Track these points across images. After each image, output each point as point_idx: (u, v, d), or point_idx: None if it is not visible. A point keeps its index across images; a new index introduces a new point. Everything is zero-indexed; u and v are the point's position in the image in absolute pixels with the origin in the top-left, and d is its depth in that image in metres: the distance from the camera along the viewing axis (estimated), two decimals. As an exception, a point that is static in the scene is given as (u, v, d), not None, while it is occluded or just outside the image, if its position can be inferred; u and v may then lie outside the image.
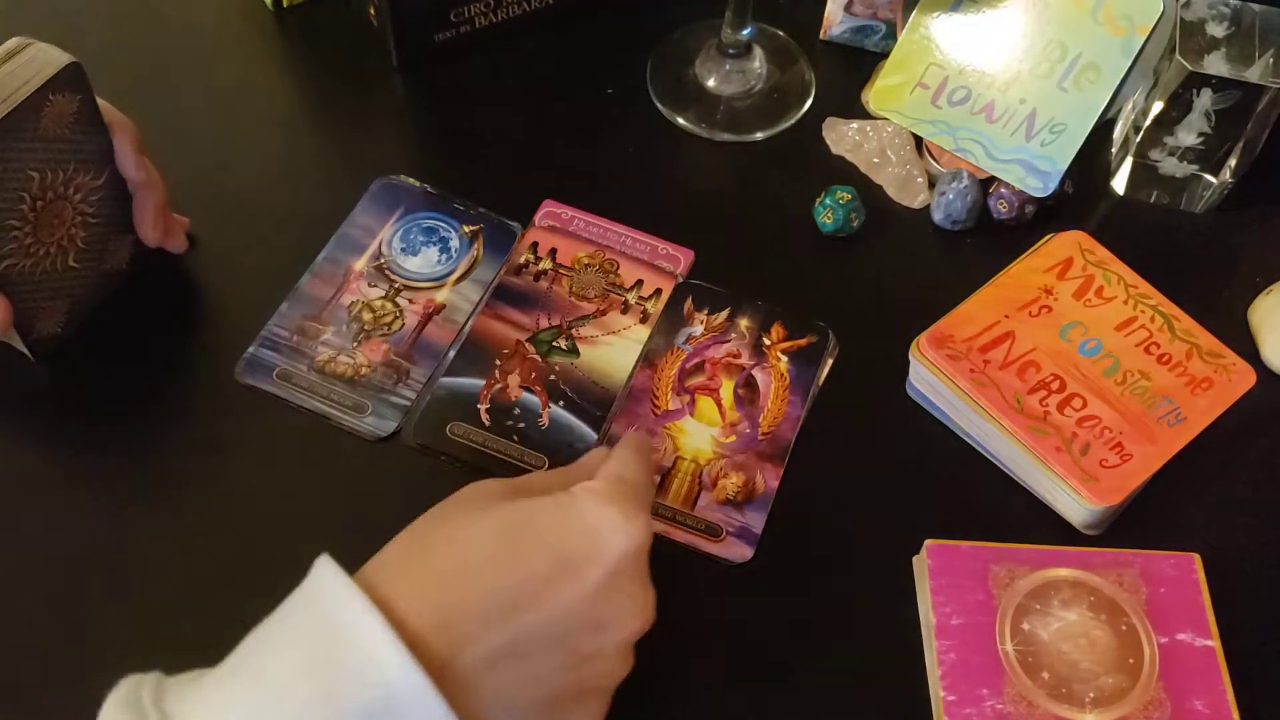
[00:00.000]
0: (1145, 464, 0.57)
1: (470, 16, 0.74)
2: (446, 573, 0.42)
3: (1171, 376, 0.60)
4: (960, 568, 0.55)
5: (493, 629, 0.42)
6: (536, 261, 0.67)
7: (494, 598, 0.42)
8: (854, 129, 0.73)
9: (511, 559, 0.43)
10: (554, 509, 0.44)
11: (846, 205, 0.67)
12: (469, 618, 0.42)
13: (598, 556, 0.43)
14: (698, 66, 0.76)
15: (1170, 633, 0.53)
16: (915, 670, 0.54)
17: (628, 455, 0.49)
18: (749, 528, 0.58)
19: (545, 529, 0.44)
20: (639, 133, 0.73)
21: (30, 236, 0.56)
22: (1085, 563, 0.55)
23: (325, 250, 0.66)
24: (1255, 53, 0.65)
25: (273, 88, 0.75)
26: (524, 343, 0.64)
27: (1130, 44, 0.67)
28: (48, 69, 0.54)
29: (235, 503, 0.58)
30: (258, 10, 0.77)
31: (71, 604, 0.55)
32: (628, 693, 0.54)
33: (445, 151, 0.73)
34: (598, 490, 0.45)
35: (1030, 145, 0.69)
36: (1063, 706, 0.51)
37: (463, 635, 0.41)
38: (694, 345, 0.64)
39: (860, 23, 0.76)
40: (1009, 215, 0.68)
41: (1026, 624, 0.53)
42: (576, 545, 0.43)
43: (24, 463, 0.59)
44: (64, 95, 0.55)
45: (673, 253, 0.68)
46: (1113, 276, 0.63)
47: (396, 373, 0.62)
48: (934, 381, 0.60)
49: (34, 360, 0.60)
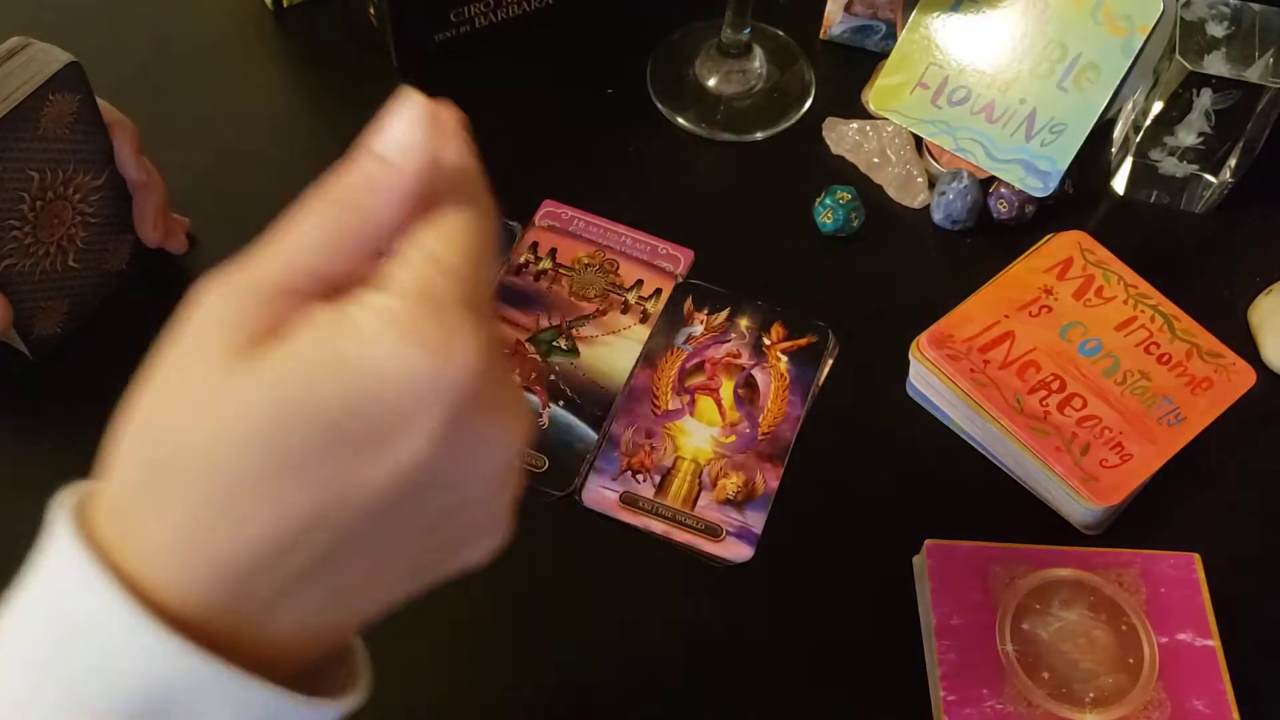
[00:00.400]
0: (1145, 464, 0.57)
1: (470, 16, 0.74)
2: (199, 515, 0.30)
3: (1171, 376, 0.60)
4: (960, 568, 0.55)
5: (289, 559, 0.30)
6: (536, 261, 0.67)
7: (276, 526, 0.30)
8: (854, 129, 0.73)
9: (285, 464, 0.30)
10: (333, 370, 0.30)
11: (846, 205, 0.67)
12: (251, 563, 0.30)
13: (412, 427, 0.30)
14: (698, 66, 0.76)
15: (1170, 633, 0.53)
16: (915, 670, 0.54)
17: (445, 226, 0.32)
18: (749, 528, 0.58)
19: (325, 406, 0.29)
20: (639, 133, 0.73)
21: (30, 236, 0.56)
22: (1085, 563, 0.55)
23: (325, 250, 0.66)
24: (1255, 53, 0.65)
25: (273, 88, 0.75)
26: (524, 342, 0.64)
27: (1130, 44, 0.67)
28: (48, 68, 0.54)
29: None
30: (258, 10, 0.77)
31: (71, 604, 0.54)
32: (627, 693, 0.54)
33: (445, 151, 0.73)
34: (396, 317, 0.30)
35: (1030, 145, 0.69)
36: (1063, 706, 0.51)
37: (246, 583, 0.30)
38: (694, 345, 0.64)
39: (860, 23, 0.76)
40: (1009, 215, 0.68)
41: (1026, 624, 0.53)
42: (376, 416, 0.29)
43: (24, 463, 0.59)
44: (64, 95, 0.55)
45: (673, 253, 0.68)
46: (1113, 276, 0.63)
47: (396, 373, 0.62)
48: (934, 381, 0.60)
49: (34, 360, 0.60)
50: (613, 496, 0.59)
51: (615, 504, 0.58)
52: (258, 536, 0.30)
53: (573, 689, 0.54)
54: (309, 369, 0.30)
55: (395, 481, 0.30)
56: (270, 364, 0.30)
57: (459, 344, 0.30)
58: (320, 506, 0.30)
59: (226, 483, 0.30)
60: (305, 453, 0.30)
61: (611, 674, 0.54)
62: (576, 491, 0.59)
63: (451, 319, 0.30)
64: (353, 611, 0.33)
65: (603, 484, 0.59)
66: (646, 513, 0.58)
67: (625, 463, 0.60)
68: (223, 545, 0.30)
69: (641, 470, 0.59)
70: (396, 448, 0.30)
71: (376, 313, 0.30)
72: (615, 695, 0.54)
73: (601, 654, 0.55)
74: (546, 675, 0.54)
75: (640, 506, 0.58)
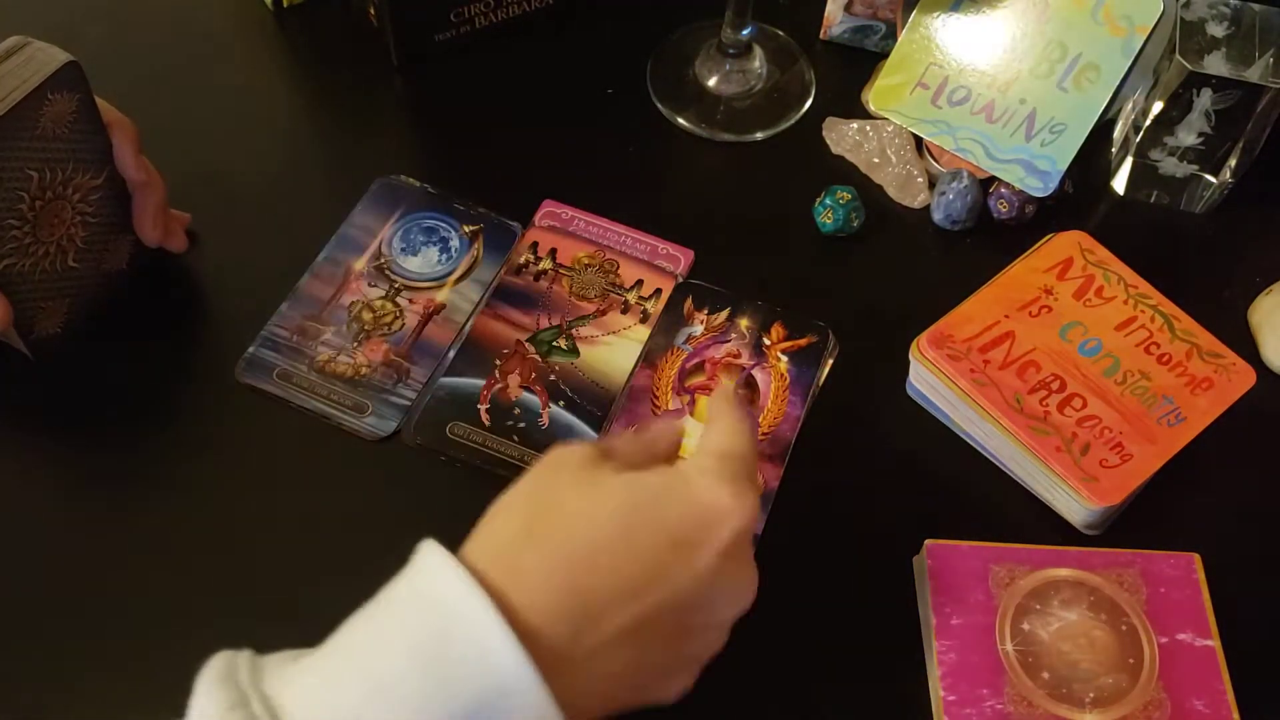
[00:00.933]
0: (1145, 464, 0.57)
1: (470, 16, 0.74)
2: (568, 557, 0.41)
3: (1171, 376, 0.60)
4: (960, 568, 0.55)
5: (613, 615, 0.41)
6: (536, 261, 0.67)
7: (615, 583, 0.41)
8: (854, 129, 0.73)
9: (631, 543, 0.42)
10: (669, 490, 0.43)
11: (846, 205, 0.67)
12: (590, 605, 0.41)
13: (712, 539, 0.43)
14: (698, 66, 0.76)
15: (1170, 633, 0.53)
16: (915, 670, 0.54)
17: (731, 426, 0.47)
18: (749, 528, 0.58)
19: (663, 511, 0.43)
20: (639, 133, 0.73)
21: (29, 236, 0.56)
22: (1085, 563, 0.55)
23: (325, 250, 0.66)
24: (1255, 53, 0.65)
25: (273, 88, 0.75)
26: (524, 343, 0.64)
27: (1130, 44, 0.67)
28: (46, 68, 0.54)
29: (235, 503, 0.58)
30: (258, 10, 0.77)
31: (72, 603, 0.55)
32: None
33: (445, 151, 0.73)
34: (709, 469, 0.44)
35: (1030, 145, 0.69)
36: (1063, 706, 0.51)
37: (582, 623, 0.40)
38: (694, 345, 0.64)
39: (860, 23, 0.76)
40: (1009, 215, 0.68)
41: (1026, 624, 0.53)
42: (692, 528, 0.43)
43: (24, 463, 0.59)
44: (62, 94, 0.55)
45: (673, 253, 0.68)
46: (1113, 276, 0.63)
47: (396, 373, 0.62)
48: (934, 381, 0.60)
49: (34, 360, 0.60)
50: (613, 496, 0.59)
51: (615, 504, 0.58)
52: (602, 584, 0.41)
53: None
54: (653, 485, 0.43)
55: (695, 577, 0.42)
56: (625, 477, 0.44)
57: (747, 493, 0.44)
58: (647, 579, 0.41)
59: (590, 540, 0.41)
60: (645, 537, 0.42)
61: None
62: (576, 491, 0.59)
63: (742, 479, 0.44)
64: (616, 695, 0.43)
65: (603, 484, 0.59)
66: (646, 513, 0.58)
67: (625, 463, 0.60)
68: (579, 579, 0.41)
69: (641, 470, 0.59)
70: (701, 554, 0.42)
71: (698, 467, 0.44)
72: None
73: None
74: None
75: (640, 506, 0.58)
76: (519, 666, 0.38)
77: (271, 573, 0.55)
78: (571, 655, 0.40)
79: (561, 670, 0.39)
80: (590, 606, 0.41)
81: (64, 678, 0.52)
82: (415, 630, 0.39)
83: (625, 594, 0.41)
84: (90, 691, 0.50)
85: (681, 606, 0.42)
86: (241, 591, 0.55)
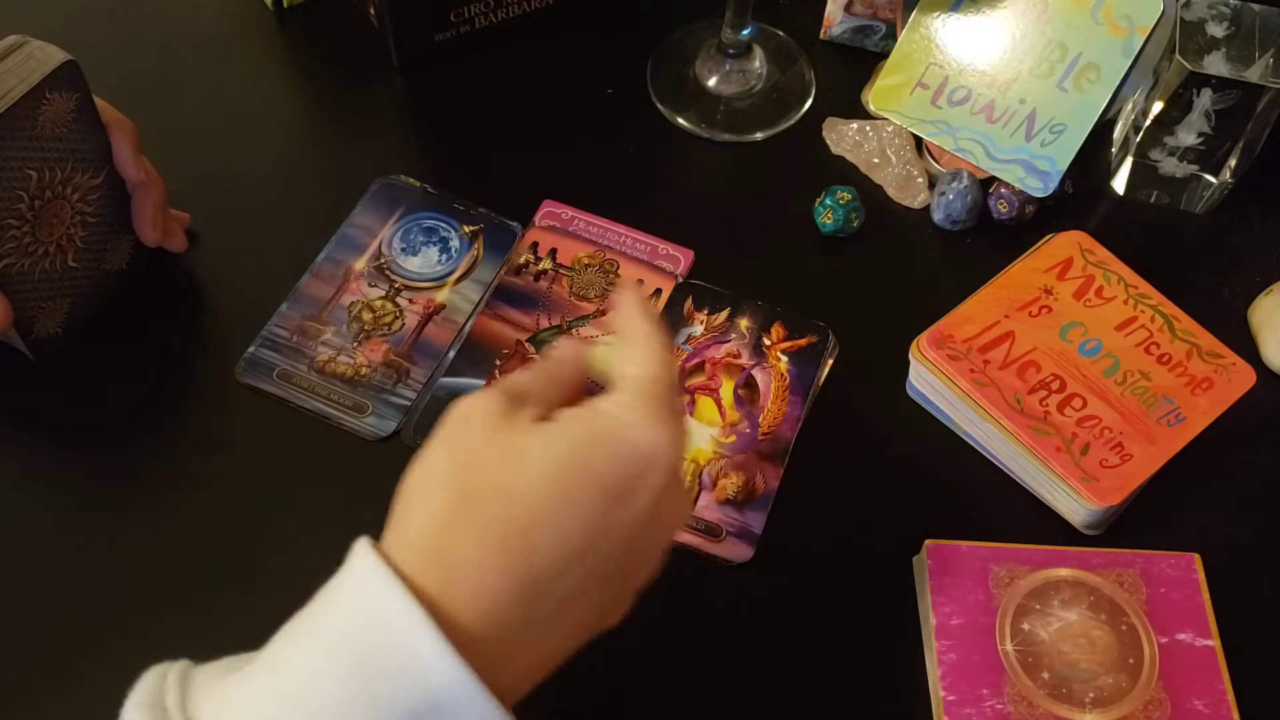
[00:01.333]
0: (1145, 464, 0.57)
1: (470, 16, 0.74)
2: (502, 540, 0.39)
3: (1171, 376, 0.60)
4: (960, 568, 0.55)
5: (556, 586, 0.39)
6: (536, 261, 0.67)
7: (555, 554, 0.39)
8: (854, 129, 0.73)
9: (567, 508, 0.40)
10: (596, 441, 0.41)
11: (846, 205, 0.67)
12: (530, 585, 0.39)
13: (647, 483, 0.41)
14: (698, 66, 0.76)
15: (1170, 633, 0.53)
16: (915, 670, 0.54)
17: (647, 347, 0.44)
18: (749, 528, 0.58)
19: (594, 465, 0.40)
20: (639, 133, 0.73)
21: (29, 235, 0.56)
22: (1085, 563, 0.55)
23: (325, 250, 0.66)
24: (1255, 53, 0.65)
25: (273, 88, 0.75)
26: (524, 343, 0.64)
27: (1130, 44, 0.67)
28: (44, 67, 0.54)
29: (235, 503, 0.58)
30: (258, 10, 0.77)
31: (72, 603, 0.55)
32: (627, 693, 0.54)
33: (445, 151, 0.73)
34: (632, 405, 0.42)
35: (1030, 145, 0.69)
36: (1063, 706, 0.51)
37: (524, 607, 0.39)
38: (694, 345, 0.64)
39: (860, 23, 0.76)
40: (1009, 215, 0.68)
41: (1026, 624, 0.53)
42: (626, 476, 0.41)
43: (25, 462, 0.59)
44: (61, 94, 0.55)
45: (673, 253, 0.68)
46: (1113, 276, 0.63)
47: (396, 373, 0.62)
48: (934, 381, 0.60)
49: (34, 360, 0.60)
50: (613, 496, 0.59)
51: (615, 504, 0.58)
52: (542, 560, 0.39)
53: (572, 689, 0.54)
54: (579, 438, 0.41)
55: (635, 523, 0.41)
56: (547, 435, 0.41)
57: (674, 426, 0.42)
58: (587, 540, 0.40)
59: (523, 516, 0.39)
60: (580, 497, 0.40)
61: (611, 674, 0.54)
62: (576, 491, 0.59)
63: (665, 409, 0.42)
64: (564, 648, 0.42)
65: (603, 484, 0.59)
66: (646, 513, 0.58)
67: (625, 463, 0.60)
68: (516, 563, 0.39)
69: (641, 470, 0.59)
70: (637, 500, 0.41)
71: (618, 404, 0.42)
72: (615, 695, 0.54)
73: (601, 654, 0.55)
74: (546, 675, 0.54)
75: (640, 506, 0.58)
76: (454, 675, 0.36)
77: (272, 573, 0.55)
78: (516, 638, 0.39)
79: (507, 656, 0.38)
80: (530, 586, 0.39)
81: (64, 678, 0.52)
82: (343, 645, 0.37)
83: (567, 561, 0.39)
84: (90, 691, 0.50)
85: (622, 551, 0.41)
86: (241, 592, 0.55)
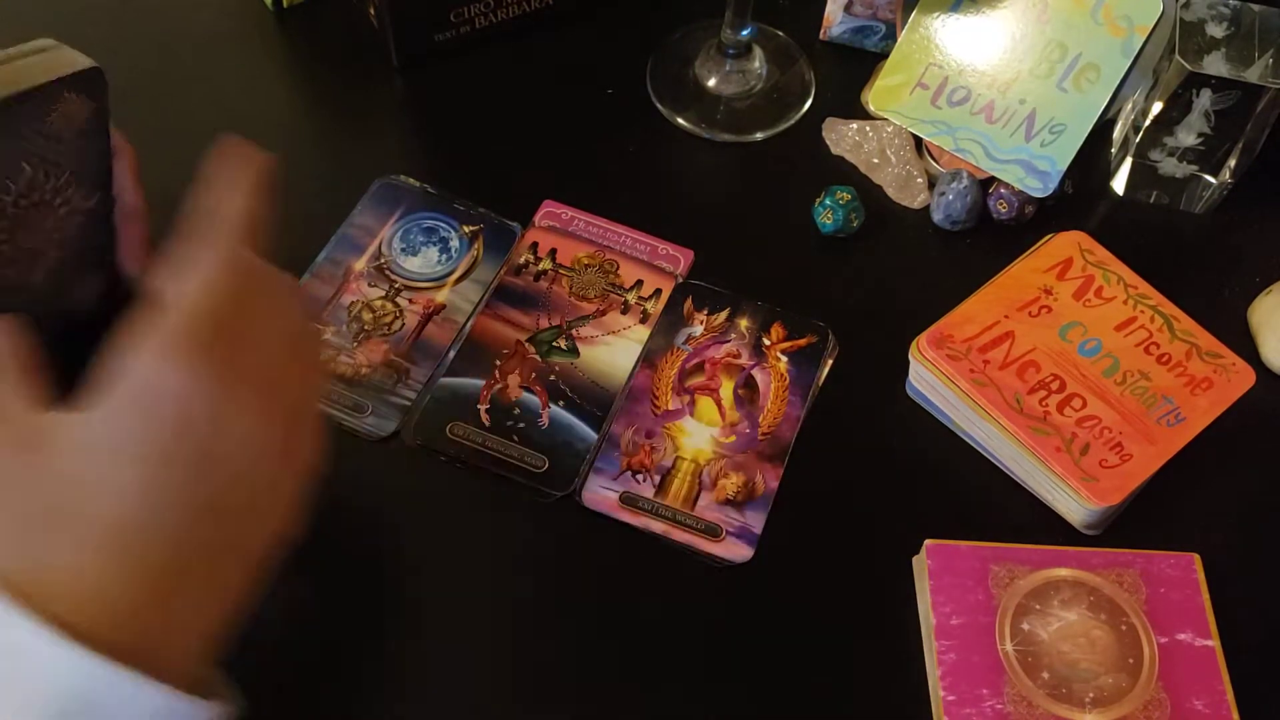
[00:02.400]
0: (1145, 464, 0.57)
1: (470, 16, 0.74)
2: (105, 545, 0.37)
3: (1171, 376, 0.60)
4: (960, 568, 0.55)
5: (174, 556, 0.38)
6: (536, 261, 0.67)
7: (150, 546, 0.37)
8: (854, 129, 0.73)
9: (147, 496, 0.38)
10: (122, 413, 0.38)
11: (846, 205, 0.67)
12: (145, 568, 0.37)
13: (190, 434, 0.38)
14: (698, 66, 0.76)
15: (1170, 633, 0.53)
16: (915, 670, 0.54)
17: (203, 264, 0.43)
18: (749, 528, 0.58)
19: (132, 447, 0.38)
20: (639, 133, 0.73)
21: (3, 234, 0.53)
22: (1085, 563, 0.55)
23: (325, 250, 0.66)
24: (1255, 53, 0.65)
25: (273, 88, 0.75)
26: (524, 343, 0.64)
27: (1130, 44, 0.67)
28: (72, 66, 0.53)
29: (235, 503, 0.58)
30: (258, 10, 0.77)
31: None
32: (627, 693, 0.54)
33: (445, 151, 0.73)
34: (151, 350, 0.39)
35: (1030, 145, 0.69)
36: (1062, 706, 0.51)
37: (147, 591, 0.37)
38: (694, 345, 0.64)
39: (860, 23, 0.76)
40: (1009, 215, 0.68)
41: (1026, 624, 0.53)
42: (165, 440, 0.38)
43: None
44: (80, 97, 0.54)
45: (673, 253, 0.68)
46: (1112, 276, 0.63)
47: (396, 373, 0.62)
48: (934, 381, 0.60)
49: None
50: (612, 497, 0.59)
51: (615, 504, 0.58)
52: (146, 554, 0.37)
53: (572, 689, 0.54)
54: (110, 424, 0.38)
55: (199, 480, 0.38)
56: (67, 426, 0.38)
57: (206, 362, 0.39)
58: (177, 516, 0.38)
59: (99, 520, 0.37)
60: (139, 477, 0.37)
61: (611, 674, 0.54)
62: (576, 492, 0.59)
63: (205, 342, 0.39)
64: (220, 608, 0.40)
65: (602, 484, 0.59)
66: (646, 513, 0.58)
67: (625, 463, 0.60)
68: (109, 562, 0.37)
69: (641, 470, 0.59)
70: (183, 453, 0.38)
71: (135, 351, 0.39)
72: (615, 695, 0.54)
73: (601, 654, 0.55)
74: (546, 675, 0.54)
75: (640, 507, 0.58)
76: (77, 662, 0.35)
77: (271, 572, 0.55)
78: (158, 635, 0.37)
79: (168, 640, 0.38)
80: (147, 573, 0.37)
81: None
82: None
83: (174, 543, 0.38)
84: None
85: (212, 510, 0.38)
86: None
